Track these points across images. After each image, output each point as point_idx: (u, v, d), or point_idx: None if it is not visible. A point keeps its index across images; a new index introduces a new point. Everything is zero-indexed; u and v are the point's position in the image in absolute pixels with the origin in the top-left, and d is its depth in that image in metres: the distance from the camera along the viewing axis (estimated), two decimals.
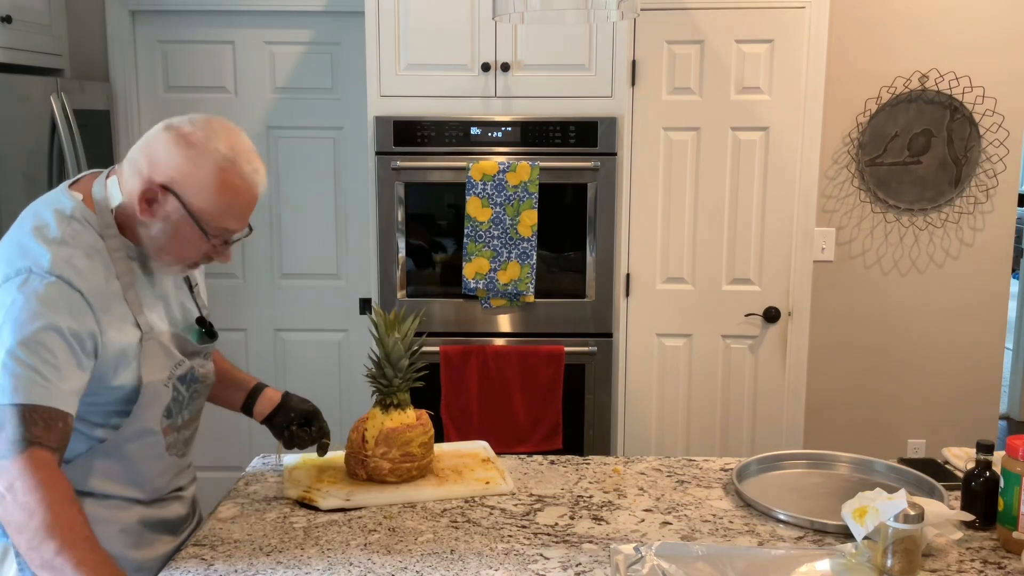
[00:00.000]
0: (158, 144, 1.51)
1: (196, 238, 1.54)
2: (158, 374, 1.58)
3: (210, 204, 1.50)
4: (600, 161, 3.16)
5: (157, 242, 1.54)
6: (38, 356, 1.41)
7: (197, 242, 1.55)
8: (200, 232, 1.53)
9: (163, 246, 1.55)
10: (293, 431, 1.93)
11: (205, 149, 1.49)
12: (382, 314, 1.98)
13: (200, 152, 1.49)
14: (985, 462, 1.78)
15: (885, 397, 3.82)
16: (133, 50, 3.72)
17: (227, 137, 1.52)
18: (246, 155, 1.53)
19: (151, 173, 1.50)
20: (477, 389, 3.21)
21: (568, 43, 3.14)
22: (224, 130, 1.53)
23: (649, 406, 3.62)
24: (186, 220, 1.51)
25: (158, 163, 1.50)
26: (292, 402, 1.94)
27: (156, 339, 1.58)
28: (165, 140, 1.50)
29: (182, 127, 1.51)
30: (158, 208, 1.51)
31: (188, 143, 1.49)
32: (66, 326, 1.43)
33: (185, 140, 1.49)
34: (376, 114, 3.17)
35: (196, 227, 1.52)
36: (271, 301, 3.86)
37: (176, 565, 1.61)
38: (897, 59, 3.62)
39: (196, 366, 1.69)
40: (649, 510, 1.86)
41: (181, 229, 1.52)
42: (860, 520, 1.59)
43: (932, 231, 3.72)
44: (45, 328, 1.41)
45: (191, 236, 1.53)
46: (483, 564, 1.61)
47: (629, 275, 3.56)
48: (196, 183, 1.49)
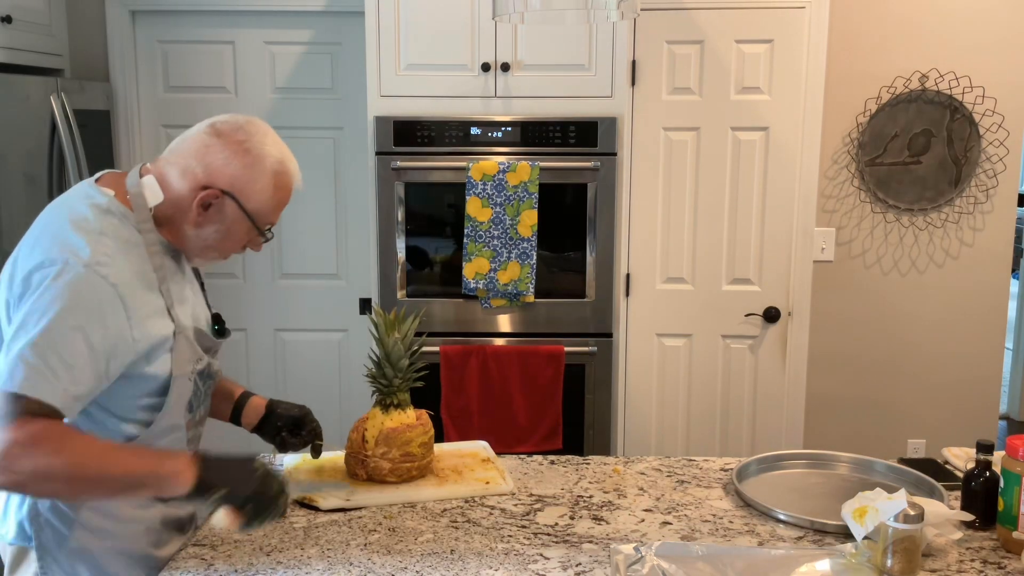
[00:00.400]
0: (214, 151, 1.56)
1: (246, 234, 1.63)
2: (185, 367, 1.61)
3: (265, 204, 1.60)
4: (600, 161, 3.16)
5: (207, 241, 1.61)
6: (57, 354, 1.40)
7: (243, 238, 1.64)
8: (255, 229, 1.63)
9: (212, 244, 1.62)
10: (283, 438, 1.91)
11: (261, 155, 1.58)
12: (382, 314, 1.98)
13: (257, 159, 1.57)
14: (985, 462, 1.78)
15: (885, 397, 3.82)
16: (133, 50, 3.72)
17: (272, 139, 1.62)
18: (289, 155, 1.64)
19: (210, 179, 1.56)
20: (477, 389, 3.21)
21: (568, 43, 3.14)
22: (267, 132, 1.62)
23: (649, 406, 3.62)
24: (242, 220, 1.60)
25: (216, 170, 1.56)
26: (278, 409, 1.91)
27: (184, 333, 1.61)
28: (221, 148, 1.56)
29: (235, 134, 1.57)
30: (215, 212, 1.58)
31: (245, 151, 1.57)
32: (93, 328, 1.43)
33: (242, 148, 1.56)
34: (376, 114, 3.17)
35: (251, 225, 1.61)
36: (271, 301, 3.86)
37: (176, 565, 1.61)
38: (897, 59, 3.62)
39: (212, 361, 1.72)
40: (649, 510, 1.86)
41: (235, 228, 1.61)
42: (860, 520, 1.59)
43: (932, 231, 3.72)
44: (73, 328, 1.42)
45: (242, 233, 1.63)
46: (483, 564, 1.61)
47: (629, 275, 3.56)
48: (255, 188, 1.58)
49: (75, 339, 1.41)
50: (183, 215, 1.58)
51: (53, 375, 1.40)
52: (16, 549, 1.58)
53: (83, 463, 1.42)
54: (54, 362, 1.40)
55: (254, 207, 1.59)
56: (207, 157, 1.56)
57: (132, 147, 3.75)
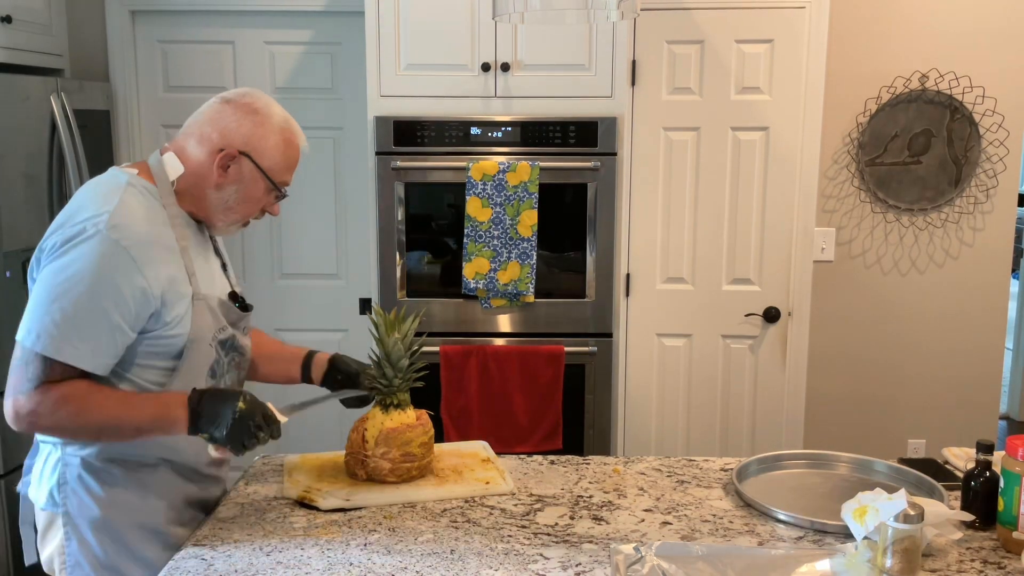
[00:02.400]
0: (225, 116, 1.69)
1: (262, 193, 1.73)
2: (205, 332, 1.69)
3: (277, 161, 1.72)
4: (600, 161, 3.16)
5: (228, 202, 1.71)
6: (77, 322, 1.53)
7: (261, 198, 1.74)
8: (269, 187, 1.73)
9: (232, 206, 1.72)
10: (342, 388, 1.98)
11: (268, 115, 1.70)
12: (382, 314, 1.98)
13: (265, 117, 1.70)
14: (985, 462, 1.78)
15: (885, 397, 3.82)
16: (133, 50, 3.72)
17: (276, 104, 1.75)
18: (292, 119, 1.76)
19: (225, 141, 1.68)
20: (477, 389, 3.21)
21: (568, 43, 3.14)
22: (270, 98, 1.75)
23: (649, 406, 3.62)
24: (258, 178, 1.71)
25: (230, 132, 1.68)
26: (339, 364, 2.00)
27: (205, 300, 1.70)
28: (232, 111, 1.69)
29: (243, 99, 1.71)
30: (233, 170, 1.69)
31: (253, 110, 1.69)
32: (108, 293, 1.54)
33: (250, 108, 1.69)
34: (376, 114, 3.17)
35: (265, 183, 1.72)
36: (271, 301, 3.86)
37: (176, 565, 1.62)
38: (897, 59, 3.62)
39: (237, 335, 1.81)
40: (649, 510, 1.86)
41: (252, 187, 1.71)
42: (860, 520, 1.59)
43: (932, 231, 3.72)
44: (90, 295, 1.53)
45: (259, 192, 1.73)
46: (483, 564, 1.61)
47: (629, 275, 3.56)
48: (268, 145, 1.70)
49: (93, 306, 1.54)
50: (204, 180, 1.69)
51: (78, 340, 1.54)
52: (47, 515, 1.69)
53: (99, 421, 1.58)
54: (75, 331, 1.53)
55: (268, 163, 1.70)
56: (220, 122, 1.69)
57: (132, 147, 3.75)
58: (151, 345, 1.64)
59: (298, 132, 1.76)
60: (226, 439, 1.60)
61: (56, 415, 1.55)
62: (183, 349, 1.66)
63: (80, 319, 1.53)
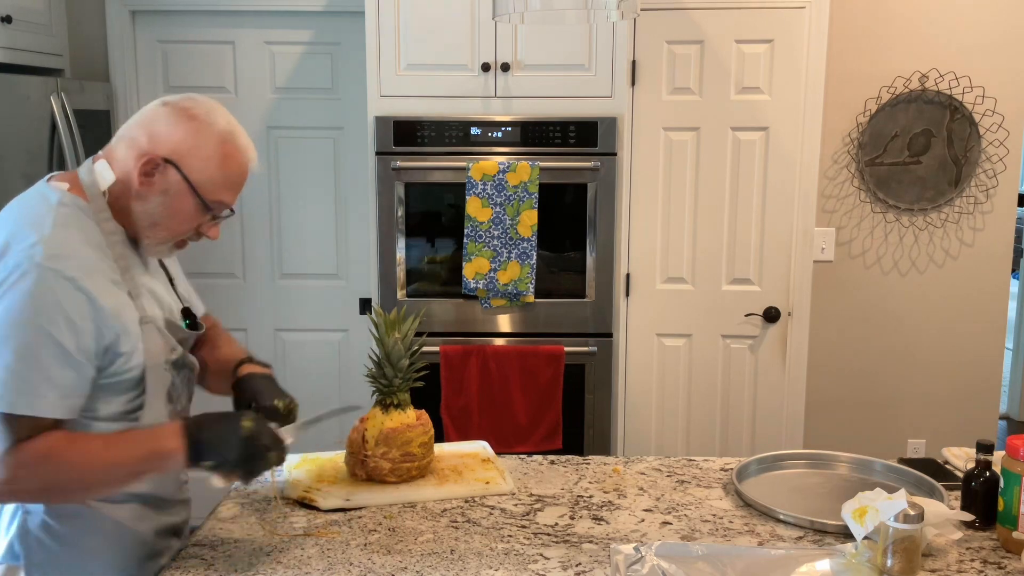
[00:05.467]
0: (158, 119, 1.53)
1: (193, 211, 1.54)
2: (158, 356, 1.57)
3: (210, 176, 1.52)
4: (600, 161, 3.16)
5: (153, 216, 1.54)
6: (34, 368, 1.39)
7: (192, 216, 1.55)
8: (200, 203, 1.54)
9: (158, 220, 1.54)
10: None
11: (207, 123, 1.52)
12: (382, 314, 1.98)
13: (202, 125, 1.52)
14: (985, 462, 1.78)
15: (885, 397, 3.82)
16: (133, 50, 3.72)
17: (223, 114, 1.56)
18: (240, 131, 1.57)
19: (152, 146, 1.51)
20: (477, 389, 3.21)
21: (568, 43, 3.14)
22: (220, 108, 1.57)
23: (649, 406, 3.62)
24: (186, 192, 1.52)
25: (159, 136, 1.51)
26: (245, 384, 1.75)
27: (153, 323, 1.57)
28: (166, 114, 1.52)
29: (182, 103, 1.54)
30: (158, 180, 1.51)
31: (190, 116, 1.52)
32: (60, 330, 1.41)
33: (187, 114, 1.52)
34: (376, 114, 3.17)
35: (196, 199, 1.53)
36: (271, 301, 3.86)
37: (176, 565, 1.62)
38: (897, 59, 3.62)
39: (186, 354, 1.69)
40: (649, 510, 1.86)
41: (179, 202, 1.53)
42: (860, 520, 1.59)
43: (932, 231, 3.72)
44: (41, 336, 1.40)
45: (188, 209, 1.54)
46: (483, 564, 1.61)
47: (629, 275, 3.56)
48: (199, 155, 1.51)
49: (47, 348, 1.40)
50: (129, 189, 1.52)
51: (38, 389, 1.39)
52: (5, 568, 1.55)
53: (87, 470, 1.44)
54: (34, 377, 1.39)
55: (198, 178, 1.51)
56: (152, 125, 1.52)
57: None
58: (110, 379, 1.50)
59: (244, 147, 1.56)
60: (237, 464, 1.48)
61: (37, 477, 1.39)
62: (141, 378, 1.53)
63: (39, 364, 1.38)
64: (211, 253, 3.76)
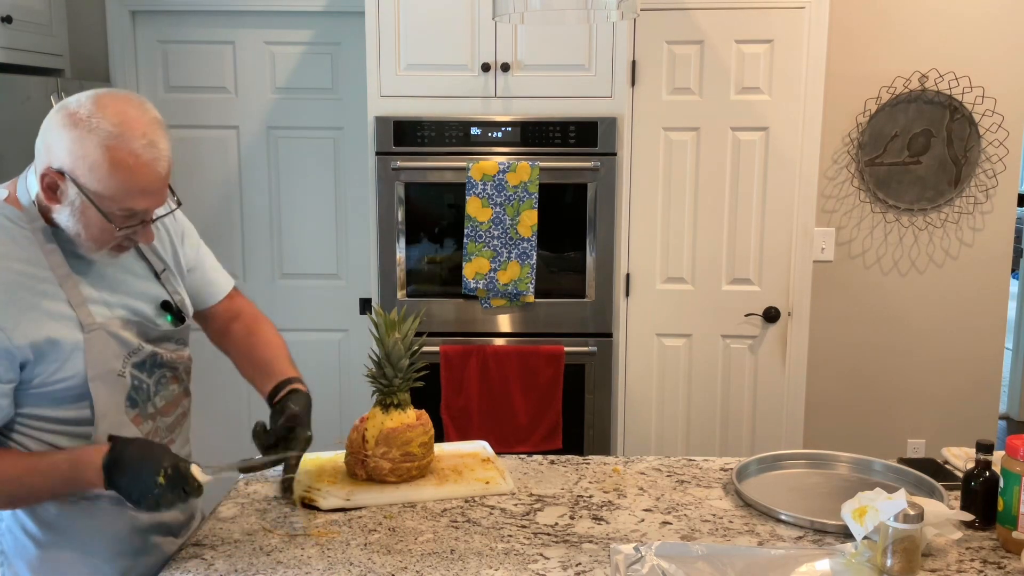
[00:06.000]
0: (51, 127, 1.44)
1: (104, 221, 1.45)
2: (109, 364, 1.51)
3: (105, 186, 1.41)
4: (600, 161, 3.16)
5: (70, 229, 1.47)
6: None
7: (106, 225, 1.46)
8: (101, 216, 1.44)
9: (76, 232, 1.47)
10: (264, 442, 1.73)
11: (88, 128, 1.39)
12: (382, 314, 1.98)
13: (84, 131, 1.39)
14: (985, 462, 1.78)
15: (885, 397, 3.82)
16: (133, 50, 3.72)
17: (117, 112, 1.41)
18: (140, 129, 1.42)
19: (49, 159, 1.43)
20: (477, 389, 3.21)
21: (568, 43, 3.14)
22: (115, 104, 1.42)
23: (649, 406, 3.62)
24: (88, 204, 1.43)
25: (52, 147, 1.43)
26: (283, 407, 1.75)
27: (103, 328, 1.51)
28: (55, 122, 1.43)
29: (69, 106, 1.42)
30: (61, 195, 1.44)
31: (73, 123, 1.40)
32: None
33: (71, 120, 1.40)
34: (376, 114, 3.17)
35: (97, 211, 1.43)
36: (271, 301, 3.86)
37: (176, 565, 1.61)
38: (897, 59, 3.62)
39: (163, 352, 1.62)
40: (649, 510, 1.86)
41: (87, 214, 1.44)
42: (860, 520, 1.59)
43: (932, 231, 3.72)
44: None
45: (98, 220, 1.45)
46: (483, 564, 1.61)
47: (629, 275, 3.56)
48: (86, 165, 1.40)
49: None
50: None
51: None
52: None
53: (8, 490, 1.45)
54: None
55: (94, 189, 1.41)
56: (48, 135, 1.44)
57: None
58: (39, 390, 1.47)
59: (136, 149, 1.41)
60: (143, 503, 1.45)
61: None
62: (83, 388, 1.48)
63: None
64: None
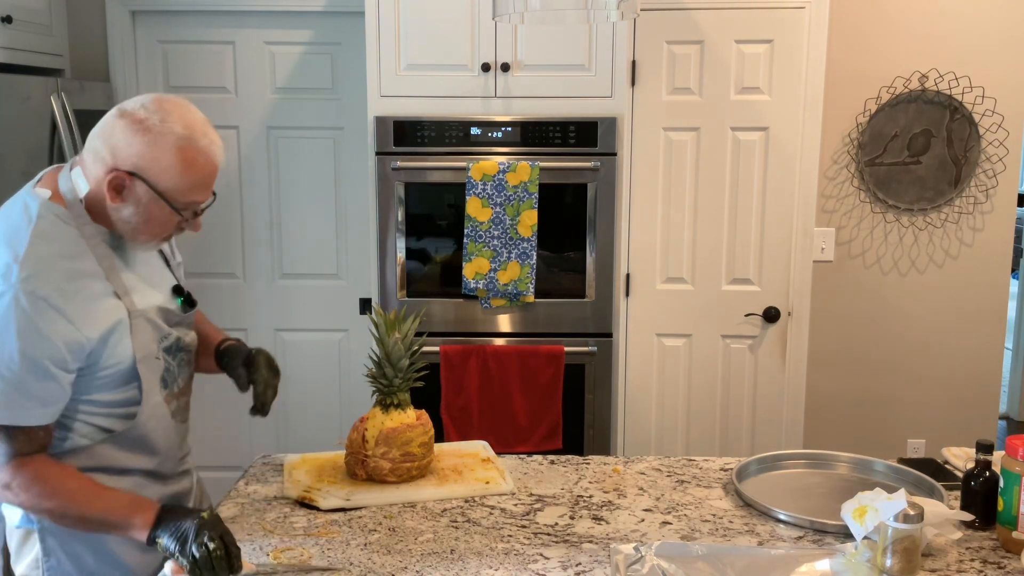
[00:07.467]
0: (115, 132, 1.55)
1: (167, 215, 1.60)
2: (149, 347, 1.65)
3: (176, 183, 1.56)
4: (600, 161, 3.16)
5: (130, 224, 1.60)
6: (15, 383, 1.50)
7: (168, 219, 1.61)
8: (171, 210, 1.59)
9: (136, 227, 1.60)
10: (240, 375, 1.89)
11: (161, 132, 1.54)
12: (382, 314, 1.98)
13: (157, 136, 1.54)
14: (985, 462, 1.78)
15: (885, 397, 3.82)
16: (133, 50, 3.72)
17: (180, 116, 1.57)
18: (201, 129, 1.58)
19: (115, 161, 1.55)
20: (477, 389, 3.21)
21: (568, 43, 3.14)
22: (176, 108, 1.58)
23: (649, 406, 3.62)
24: (156, 201, 1.57)
25: (119, 151, 1.54)
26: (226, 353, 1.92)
27: (143, 316, 1.64)
28: (122, 128, 1.55)
29: (136, 112, 1.56)
30: (127, 194, 1.56)
31: (145, 128, 1.54)
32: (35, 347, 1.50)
33: (143, 125, 1.54)
34: (376, 114, 3.17)
35: (167, 206, 1.58)
36: (271, 301, 3.86)
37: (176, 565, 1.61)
38: (897, 59, 3.62)
39: (181, 335, 1.76)
40: (649, 510, 1.86)
41: (152, 209, 1.58)
42: (860, 520, 1.60)
43: (932, 231, 3.72)
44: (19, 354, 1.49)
45: (162, 214, 1.59)
46: (483, 564, 1.61)
47: (629, 275, 3.56)
48: (160, 166, 1.54)
49: (28, 366, 1.50)
50: (103, 200, 1.58)
51: (25, 401, 1.51)
52: (22, 532, 1.67)
53: (66, 507, 1.56)
54: (19, 394, 1.50)
55: (165, 186, 1.56)
56: (112, 139, 1.55)
57: None
58: (98, 379, 1.60)
59: (205, 148, 1.58)
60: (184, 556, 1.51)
61: (28, 493, 1.54)
62: (132, 370, 1.62)
63: (19, 381, 1.49)
64: (211, 253, 3.76)
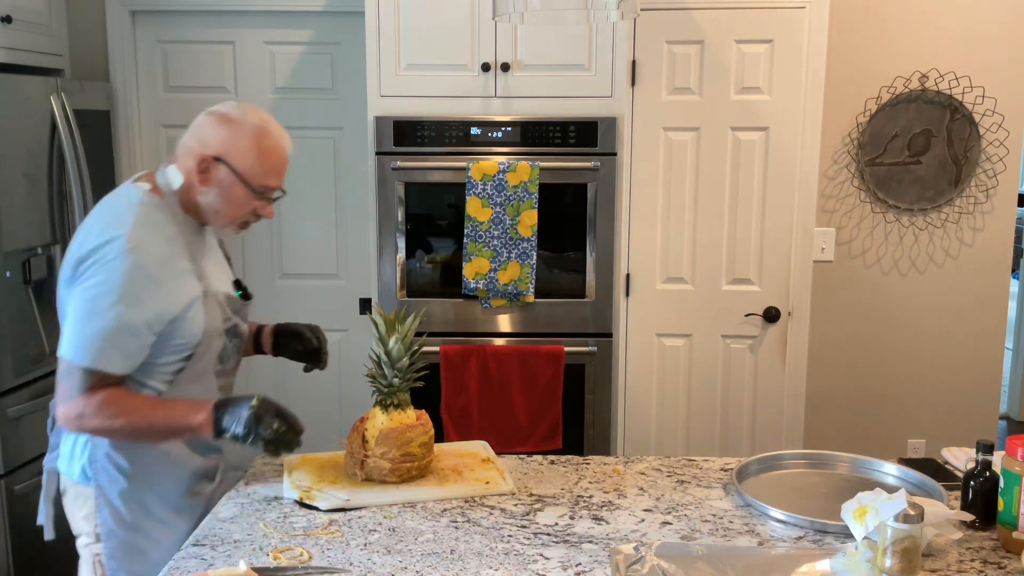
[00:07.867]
0: (204, 126, 1.86)
1: (244, 197, 1.86)
2: (216, 324, 1.90)
3: (252, 166, 1.84)
4: (600, 161, 3.16)
5: (214, 206, 1.86)
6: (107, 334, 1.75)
7: (245, 201, 1.87)
8: (248, 191, 1.85)
9: (218, 209, 1.87)
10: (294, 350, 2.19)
11: (241, 122, 1.85)
12: (382, 314, 1.98)
13: (238, 124, 1.85)
14: (985, 462, 1.78)
15: (885, 397, 3.82)
16: (133, 50, 3.72)
17: (256, 112, 1.89)
18: (273, 124, 1.90)
19: (202, 150, 1.84)
20: (477, 389, 3.21)
21: (568, 43, 3.14)
22: (252, 108, 1.91)
23: (649, 406, 3.62)
24: (235, 182, 1.84)
25: (206, 140, 1.84)
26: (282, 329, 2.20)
27: (215, 297, 1.90)
28: (209, 122, 1.86)
29: (220, 110, 1.87)
30: (212, 176, 1.84)
31: (227, 119, 1.85)
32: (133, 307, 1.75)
33: (225, 118, 1.85)
34: (376, 114, 3.17)
35: (244, 186, 1.85)
36: (271, 301, 3.86)
37: (176, 565, 1.62)
38: (897, 59, 3.62)
39: (239, 323, 2.00)
40: (649, 510, 1.86)
41: (232, 191, 1.85)
42: (860, 520, 1.59)
43: (932, 231, 3.72)
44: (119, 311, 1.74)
45: (241, 196, 1.86)
46: (483, 564, 1.61)
47: (629, 275, 3.56)
48: (239, 150, 1.83)
49: (121, 321, 1.75)
50: (193, 187, 1.85)
51: (111, 351, 1.76)
52: (79, 488, 1.90)
53: (136, 422, 1.79)
54: (108, 344, 1.76)
55: (242, 167, 1.83)
56: (200, 132, 1.86)
57: (132, 147, 3.75)
58: (171, 344, 1.84)
59: (277, 136, 1.88)
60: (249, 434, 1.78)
61: (99, 417, 1.77)
62: (198, 342, 1.86)
63: (112, 333, 1.75)
64: None
